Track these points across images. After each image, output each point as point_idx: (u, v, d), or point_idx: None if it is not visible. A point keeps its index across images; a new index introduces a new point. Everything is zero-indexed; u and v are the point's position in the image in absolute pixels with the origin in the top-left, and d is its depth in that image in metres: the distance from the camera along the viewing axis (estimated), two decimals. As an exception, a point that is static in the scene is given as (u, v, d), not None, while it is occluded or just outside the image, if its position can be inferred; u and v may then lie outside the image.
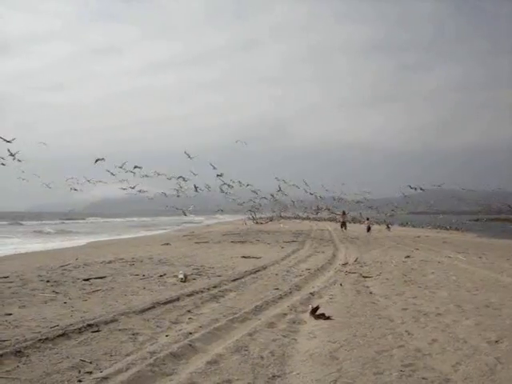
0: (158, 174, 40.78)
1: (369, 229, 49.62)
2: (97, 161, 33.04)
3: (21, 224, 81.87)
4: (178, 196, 43.44)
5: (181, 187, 42.24)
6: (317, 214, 65.53)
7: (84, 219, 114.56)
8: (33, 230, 57.17)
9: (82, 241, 39.12)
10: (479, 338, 8.21)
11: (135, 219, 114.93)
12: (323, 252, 25.10)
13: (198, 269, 16.91)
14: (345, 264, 19.24)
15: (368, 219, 54.16)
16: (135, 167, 37.35)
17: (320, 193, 53.47)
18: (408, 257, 22.20)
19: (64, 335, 8.01)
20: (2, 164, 29.54)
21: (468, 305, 11.02)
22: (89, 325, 8.63)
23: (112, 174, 37.33)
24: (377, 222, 67.96)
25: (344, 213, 54.27)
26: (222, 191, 44.73)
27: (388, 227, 55.52)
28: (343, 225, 51.79)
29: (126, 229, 66.41)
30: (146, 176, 39.89)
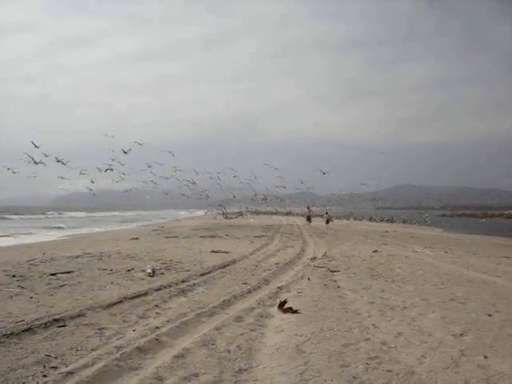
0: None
1: (327, 221, 53.01)
2: None
3: (8, 218, 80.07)
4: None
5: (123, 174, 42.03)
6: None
7: (62, 213, 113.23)
8: (44, 226, 55.63)
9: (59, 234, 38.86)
10: (444, 331, 8.33)
11: (117, 213, 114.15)
12: (292, 246, 25.19)
13: (166, 263, 16.84)
14: (313, 258, 19.33)
15: (327, 213, 56.98)
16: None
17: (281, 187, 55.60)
18: (376, 251, 22.44)
19: (29, 330, 7.92)
20: None
21: (434, 298, 11.17)
22: (55, 319, 8.55)
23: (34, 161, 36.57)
24: (345, 217, 69.27)
25: (309, 207, 58.97)
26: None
27: (327, 222, 56.25)
28: (308, 218, 55.59)
29: (116, 223, 66.24)
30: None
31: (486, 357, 6.98)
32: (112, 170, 41.29)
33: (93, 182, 43.35)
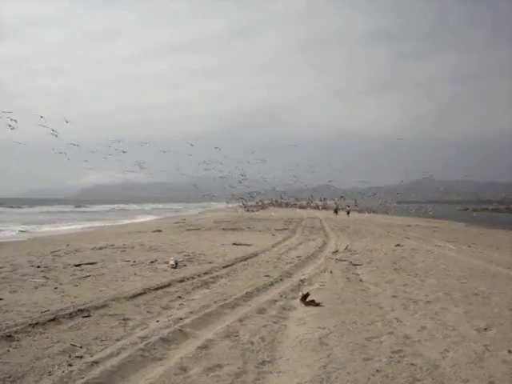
0: None
1: (348, 213, 64.39)
2: None
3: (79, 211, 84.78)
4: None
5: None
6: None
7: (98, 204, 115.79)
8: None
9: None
10: (468, 326, 8.28)
11: (161, 205, 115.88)
12: (314, 240, 25.17)
13: (188, 255, 16.92)
14: (335, 252, 19.29)
15: (348, 206, 69.46)
16: None
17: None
18: (398, 245, 22.32)
19: (54, 320, 8.01)
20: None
21: (457, 293, 11.09)
22: (79, 310, 8.64)
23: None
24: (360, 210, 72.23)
25: (336, 203, 71.35)
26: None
27: (348, 213, 65.25)
28: (335, 211, 65.88)
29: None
30: None
31: (510, 351, 6.92)
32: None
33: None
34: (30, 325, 7.67)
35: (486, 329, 8.10)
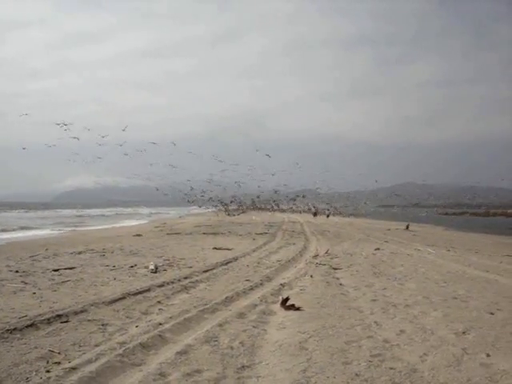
0: None
1: (328, 216, 68.45)
2: None
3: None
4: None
5: None
6: None
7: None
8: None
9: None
10: (446, 330, 8.34)
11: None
12: (294, 244, 25.17)
13: (169, 260, 16.86)
14: (315, 256, 19.31)
15: (328, 210, 72.13)
16: None
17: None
18: (378, 249, 22.42)
19: (33, 326, 7.94)
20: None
21: (436, 297, 11.17)
22: (58, 315, 8.57)
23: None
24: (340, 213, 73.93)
25: (315, 206, 72.92)
26: None
27: (328, 216, 70.55)
28: (315, 214, 70.71)
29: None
30: None
31: (488, 355, 6.99)
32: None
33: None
34: (8, 330, 7.59)
35: (464, 332, 8.16)
